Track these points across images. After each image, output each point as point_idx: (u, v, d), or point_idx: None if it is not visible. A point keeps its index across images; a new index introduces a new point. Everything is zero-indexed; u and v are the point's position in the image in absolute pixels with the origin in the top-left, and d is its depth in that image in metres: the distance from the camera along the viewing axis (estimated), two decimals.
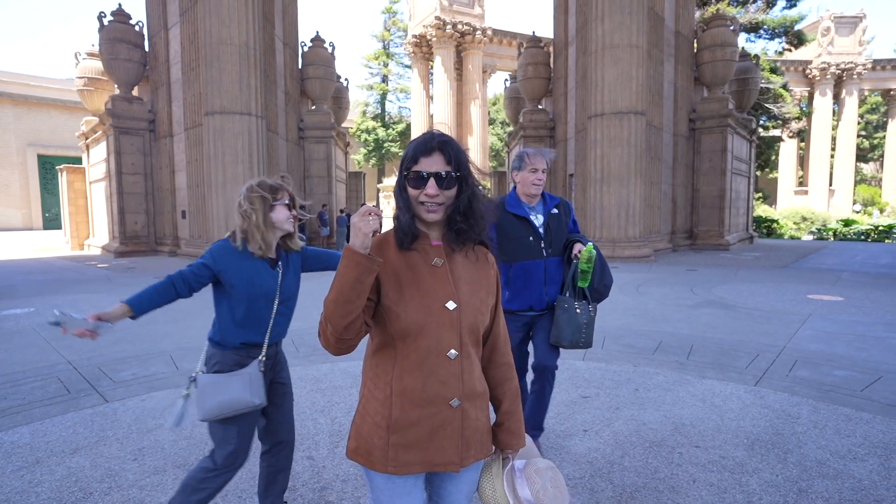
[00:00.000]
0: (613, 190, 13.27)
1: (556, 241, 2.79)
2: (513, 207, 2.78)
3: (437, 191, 1.22)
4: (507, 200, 2.82)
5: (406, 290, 1.24)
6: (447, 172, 1.23)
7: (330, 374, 4.41)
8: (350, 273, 1.14)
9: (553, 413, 3.49)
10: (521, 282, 2.76)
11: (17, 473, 2.71)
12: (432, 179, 1.22)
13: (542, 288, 2.77)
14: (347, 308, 1.16)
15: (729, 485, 2.59)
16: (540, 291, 2.77)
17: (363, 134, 43.94)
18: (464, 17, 34.07)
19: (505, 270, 2.77)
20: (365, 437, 1.27)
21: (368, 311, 1.25)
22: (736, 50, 17.68)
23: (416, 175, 1.23)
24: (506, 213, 2.77)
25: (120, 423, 3.38)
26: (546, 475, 1.35)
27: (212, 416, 1.96)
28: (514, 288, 2.78)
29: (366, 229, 1.13)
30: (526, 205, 2.80)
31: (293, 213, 2.11)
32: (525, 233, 2.76)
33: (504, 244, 2.73)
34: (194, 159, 14.60)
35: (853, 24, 40.61)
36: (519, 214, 2.77)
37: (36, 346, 5.36)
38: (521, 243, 2.74)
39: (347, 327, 1.19)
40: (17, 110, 33.91)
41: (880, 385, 4.00)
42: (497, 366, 1.41)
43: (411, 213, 1.27)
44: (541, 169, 2.72)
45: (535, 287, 2.77)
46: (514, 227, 2.75)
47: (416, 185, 1.23)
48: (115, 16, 16.03)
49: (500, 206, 2.79)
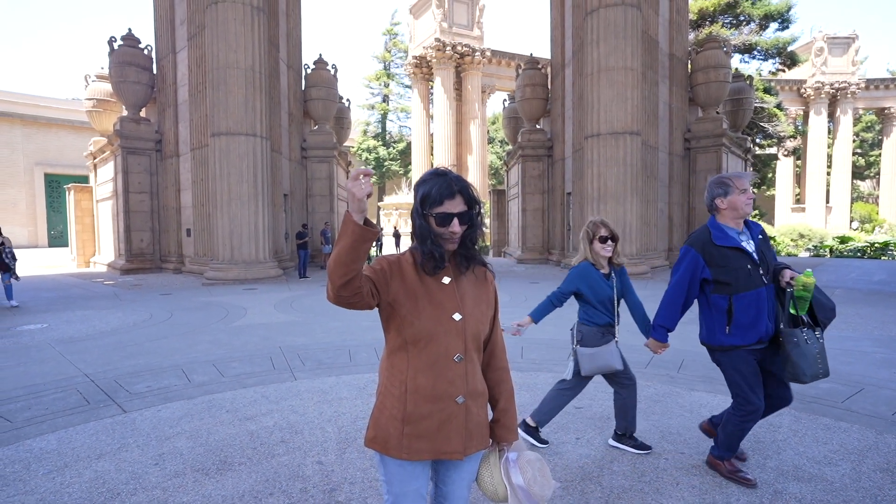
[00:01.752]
0: (610, 208, 13.54)
1: (769, 267, 2.67)
2: (722, 240, 2.67)
3: (459, 228, 1.46)
4: (713, 234, 2.70)
5: (420, 302, 1.47)
6: (466, 212, 1.47)
7: (335, 386, 4.61)
8: (347, 239, 1.31)
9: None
10: (751, 314, 2.62)
11: (49, 476, 2.92)
12: (456, 219, 1.45)
13: (766, 318, 2.64)
14: (344, 269, 1.33)
15: (710, 487, 2.78)
16: (766, 321, 2.64)
17: (364, 153, 44.53)
18: (463, 39, 34.85)
19: (721, 304, 2.67)
20: (382, 428, 1.50)
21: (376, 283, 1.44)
22: (729, 71, 18.15)
23: (444, 215, 1.45)
24: (714, 247, 2.68)
25: (139, 431, 3.59)
26: (535, 465, 1.58)
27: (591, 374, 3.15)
28: (741, 322, 2.63)
29: (359, 193, 1.27)
30: (734, 231, 2.70)
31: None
32: (742, 262, 2.63)
33: (721, 276, 2.65)
34: (200, 179, 14.93)
35: (846, 45, 41.46)
36: (731, 246, 2.66)
37: (53, 360, 5.56)
38: (740, 273, 2.62)
39: (344, 286, 1.34)
40: (26, 130, 34.52)
41: (860, 397, 4.20)
42: (495, 369, 1.65)
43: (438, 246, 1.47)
44: (749, 189, 2.65)
45: (763, 317, 2.63)
46: (728, 259, 2.64)
47: (443, 223, 1.45)
48: (124, 40, 16.55)
49: (707, 242, 2.71)
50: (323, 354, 5.77)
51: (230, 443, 3.38)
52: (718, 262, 2.66)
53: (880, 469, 2.96)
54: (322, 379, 4.84)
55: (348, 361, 5.48)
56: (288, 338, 6.67)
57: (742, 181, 2.66)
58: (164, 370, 5.15)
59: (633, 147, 13.50)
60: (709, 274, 2.71)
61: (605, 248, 3.12)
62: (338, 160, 19.81)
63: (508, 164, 22.93)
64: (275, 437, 3.46)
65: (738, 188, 2.65)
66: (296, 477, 2.91)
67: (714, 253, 2.67)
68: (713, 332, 2.75)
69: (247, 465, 3.06)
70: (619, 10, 13.33)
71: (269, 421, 3.76)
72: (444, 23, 34.14)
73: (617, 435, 3.29)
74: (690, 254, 2.75)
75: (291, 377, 4.92)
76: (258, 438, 3.45)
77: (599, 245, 3.12)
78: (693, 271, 2.74)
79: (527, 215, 19.74)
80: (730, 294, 2.64)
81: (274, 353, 5.81)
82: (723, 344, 2.71)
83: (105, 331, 7.20)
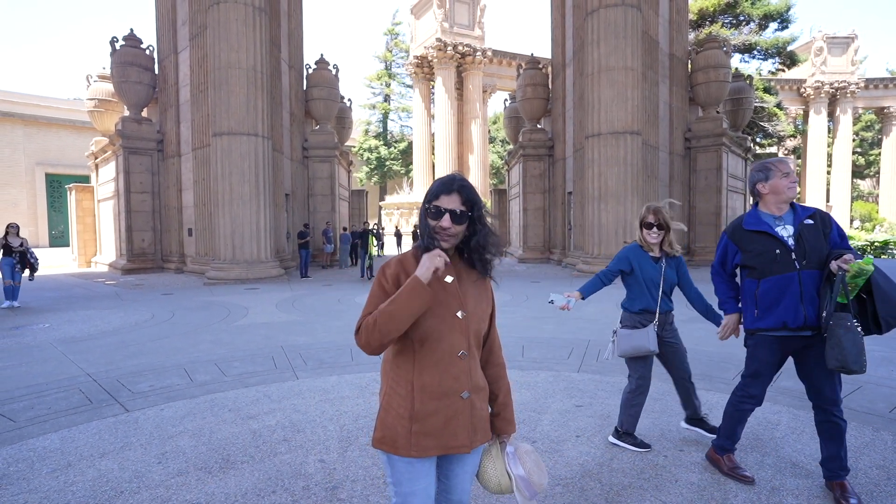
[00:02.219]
0: (611, 208, 13.57)
1: (811, 252, 2.55)
2: (751, 225, 2.69)
3: (449, 224, 1.49)
4: (745, 219, 2.73)
5: None
6: (461, 211, 1.50)
7: (337, 385, 4.64)
8: (415, 301, 1.41)
9: (548, 420, 3.72)
10: (772, 297, 2.60)
11: (53, 475, 2.94)
12: (447, 214, 1.49)
13: (797, 303, 2.55)
14: (399, 325, 1.43)
15: (708, 484, 2.80)
16: (796, 307, 2.55)
17: (365, 152, 44.57)
18: (464, 39, 34.86)
19: (751, 288, 2.69)
20: (390, 427, 1.52)
21: None
22: (729, 71, 18.18)
23: (436, 209, 1.51)
24: (743, 231, 2.71)
25: (142, 430, 3.61)
26: (532, 456, 1.65)
27: (626, 355, 3.21)
28: (764, 304, 2.64)
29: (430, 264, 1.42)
30: (770, 217, 2.68)
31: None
32: (769, 246, 2.61)
33: (748, 261, 2.68)
34: (201, 178, 14.97)
35: (845, 45, 41.45)
36: (759, 230, 2.66)
37: (55, 359, 5.59)
38: (766, 258, 2.61)
39: (393, 338, 1.45)
40: (28, 130, 34.60)
41: (858, 394, 4.22)
42: (493, 366, 1.70)
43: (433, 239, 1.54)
44: (792, 172, 2.64)
45: (788, 301, 2.56)
46: (754, 243, 2.66)
47: (435, 217, 1.51)
48: (126, 40, 16.58)
49: (736, 227, 2.75)
50: (325, 354, 5.80)
51: (233, 441, 3.40)
52: (747, 246, 2.69)
53: (877, 466, 2.98)
54: (324, 378, 4.87)
55: (350, 361, 5.51)
56: (290, 337, 6.70)
57: (784, 165, 2.66)
58: (166, 369, 5.18)
59: (634, 147, 13.52)
60: (739, 259, 2.77)
61: (650, 234, 3.23)
62: (339, 160, 19.85)
63: (509, 164, 22.96)
64: (277, 436, 3.49)
65: (780, 171, 2.64)
66: (298, 475, 2.93)
67: (744, 237, 2.71)
68: (746, 317, 2.79)
69: (249, 463, 3.09)
70: (619, 11, 13.36)
71: (272, 420, 3.79)
72: (446, 23, 34.16)
73: (617, 432, 3.32)
74: (723, 239, 2.86)
75: (293, 376, 4.95)
76: (260, 437, 3.47)
77: (646, 231, 3.25)
78: (723, 255, 2.86)
79: (528, 215, 19.76)
80: (758, 278, 2.66)
81: (276, 353, 5.84)
82: (749, 327, 2.77)
83: (107, 330, 7.23)
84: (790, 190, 2.65)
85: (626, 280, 3.31)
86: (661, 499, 2.66)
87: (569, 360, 5.45)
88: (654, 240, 3.23)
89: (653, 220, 3.21)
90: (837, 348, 2.37)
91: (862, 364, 2.36)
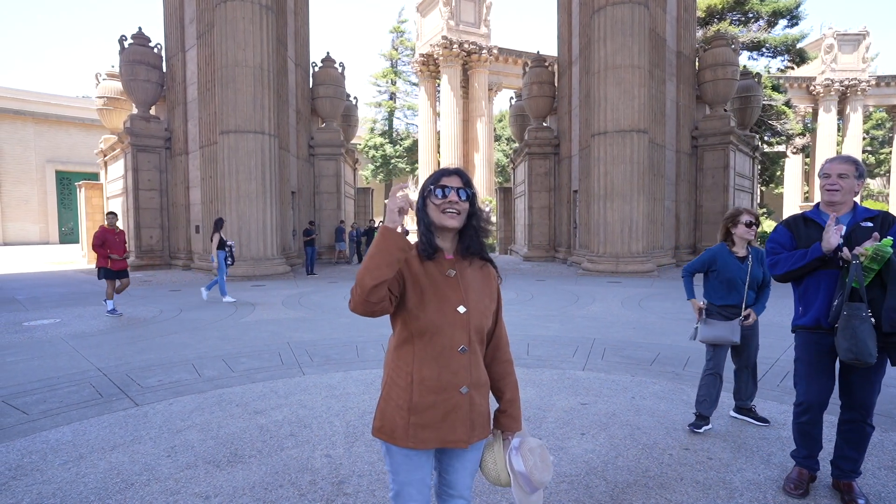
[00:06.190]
0: (617, 206, 13.53)
1: None
2: (810, 214, 2.67)
3: (458, 198, 1.52)
4: (810, 211, 2.72)
5: (425, 295, 1.52)
6: (464, 189, 1.54)
7: (343, 381, 4.67)
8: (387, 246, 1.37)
9: (553, 418, 3.74)
10: (811, 293, 2.59)
11: (65, 466, 2.99)
12: (454, 191, 1.52)
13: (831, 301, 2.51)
14: (376, 274, 1.37)
15: (714, 482, 2.81)
16: (831, 306, 2.51)
17: (371, 150, 44.59)
18: (470, 37, 34.79)
19: (795, 285, 2.69)
20: (388, 418, 1.55)
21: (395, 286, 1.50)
22: (737, 69, 18.04)
23: (442, 188, 1.52)
24: (804, 221, 2.67)
25: (151, 424, 3.66)
26: (536, 452, 1.63)
27: (707, 342, 3.53)
28: (806, 300, 2.63)
29: (392, 206, 1.39)
30: (826, 215, 2.62)
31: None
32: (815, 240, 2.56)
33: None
34: (209, 176, 15.06)
35: (856, 42, 40.95)
36: (810, 218, 2.64)
37: (66, 354, 5.67)
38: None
39: (373, 290, 1.38)
40: (38, 128, 34.92)
41: None
42: (500, 362, 1.70)
43: (431, 232, 1.55)
44: (834, 174, 2.53)
45: (822, 299, 2.54)
46: (803, 238, 2.63)
47: (442, 195, 1.52)
48: (135, 39, 16.70)
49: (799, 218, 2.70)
50: (330, 350, 5.84)
51: (240, 436, 3.44)
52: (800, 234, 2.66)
53: (885, 467, 2.98)
54: (330, 374, 4.90)
55: (356, 357, 5.54)
56: (296, 334, 6.74)
57: (831, 165, 2.56)
58: (174, 365, 5.23)
59: (640, 145, 13.47)
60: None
61: (750, 231, 3.46)
62: (345, 157, 19.90)
63: (515, 162, 22.92)
64: (284, 431, 3.52)
65: (822, 173, 2.59)
66: (305, 469, 2.97)
67: (801, 227, 2.68)
68: (794, 314, 2.77)
69: (257, 457, 3.12)
70: (626, 8, 13.29)
71: (279, 415, 3.83)
72: (451, 21, 34.09)
73: (737, 407, 3.71)
74: (778, 228, 2.80)
75: (300, 372, 4.99)
76: (268, 432, 3.51)
77: (744, 229, 3.46)
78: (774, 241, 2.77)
79: (533, 213, 19.73)
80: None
81: (282, 349, 5.88)
82: (793, 324, 2.75)
83: (116, 326, 7.31)
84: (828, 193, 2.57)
85: (706, 277, 3.64)
86: (667, 497, 2.67)
87: (574, 359, 5.46)
88: (752, 236, 3.49)
89: (752, 219, 3.47)
90: (852, 340, 2.31)
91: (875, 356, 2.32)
